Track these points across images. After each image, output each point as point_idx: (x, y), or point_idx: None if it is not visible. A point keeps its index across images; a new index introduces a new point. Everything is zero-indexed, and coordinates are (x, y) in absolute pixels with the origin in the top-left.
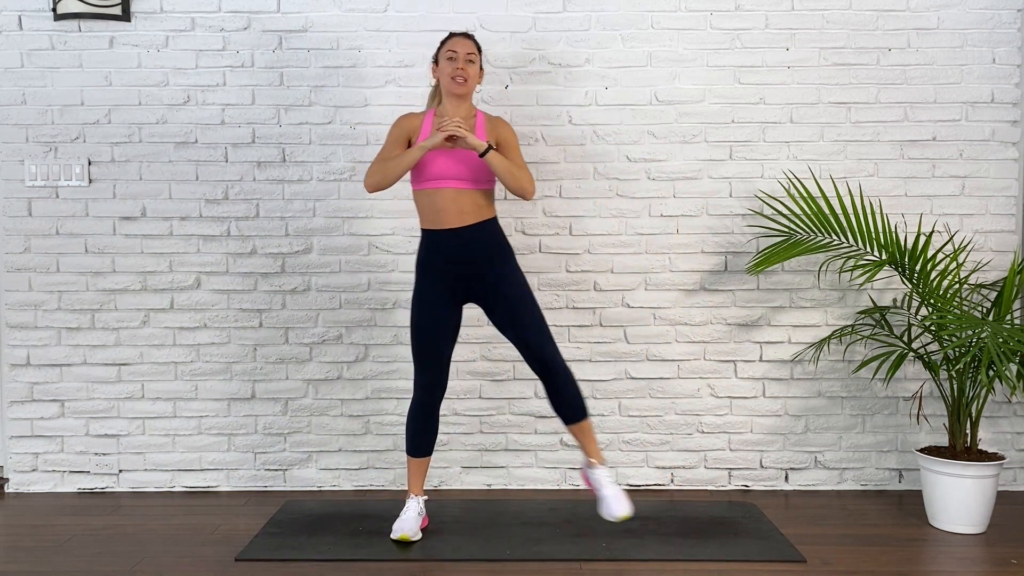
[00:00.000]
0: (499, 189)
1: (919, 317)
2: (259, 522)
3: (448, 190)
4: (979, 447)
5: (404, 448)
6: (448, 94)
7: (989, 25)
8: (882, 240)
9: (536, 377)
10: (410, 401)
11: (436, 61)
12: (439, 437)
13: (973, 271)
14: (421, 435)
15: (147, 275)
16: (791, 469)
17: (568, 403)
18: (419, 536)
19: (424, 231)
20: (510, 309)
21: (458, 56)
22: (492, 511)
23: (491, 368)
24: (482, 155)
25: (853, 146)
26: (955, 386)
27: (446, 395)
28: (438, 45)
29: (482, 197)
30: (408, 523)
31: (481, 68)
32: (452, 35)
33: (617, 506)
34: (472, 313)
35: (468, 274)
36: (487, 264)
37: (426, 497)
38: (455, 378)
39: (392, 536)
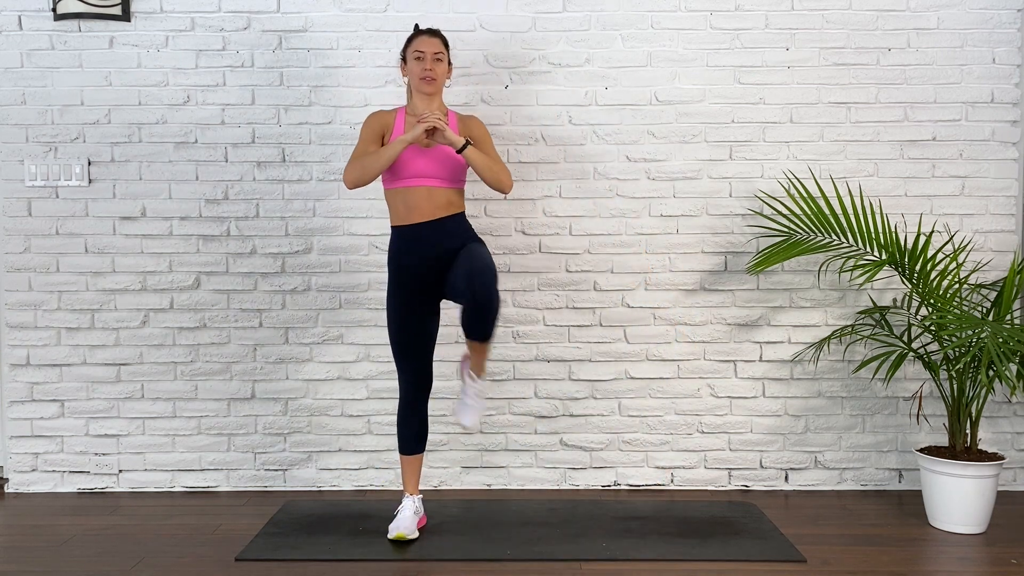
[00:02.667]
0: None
1: (919, 317)
2: (259, 522)
3: (422, 188)
4: (979, 447)
5: None
6: (417, 92)
7: (989, 25)
8: (882, 240)
9: (535, 377)
10: (397, 401)
11: (404, 59)
12: (439, 437)
13: (973, 271)
14: (411, 433)
15: (147, 275)
16: (791, 469)
17: (484, 327)
18: (415, 535)
19: (395, 228)
20: (459, 261)
21: (425, 56)
22: (492, 511)
23: (491, 368)
24: (460, 150)
25: (853, 146)
26: (955, 386)
27: (446, 395)
28: (405, 42)
29: (455, 194)
30: (404, 522)
31: (449, 64)
32: (418, 33)
33: (466, 415)
34: None
35: (440, 265)
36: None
37: (421, 495)
38: (455, 378)
39: (389, 536)
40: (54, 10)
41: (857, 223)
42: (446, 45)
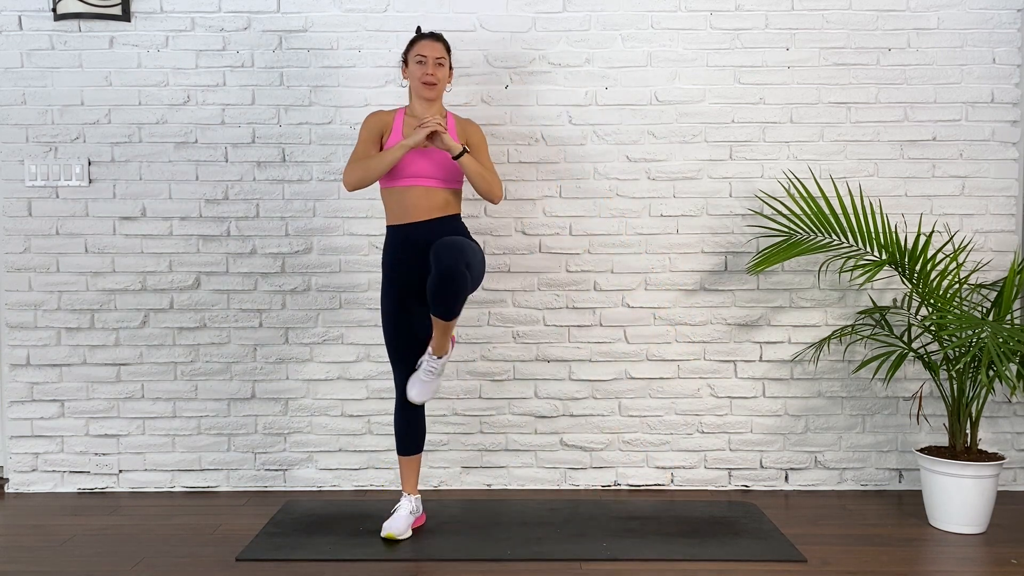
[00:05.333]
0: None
1: (919, 317)
2: (259, 522)
3: (419, 188)
4: (979, 447)
5: None
6: (418, 96)
7: (989, 25)
8: (882, 240)
9: (535, 377)
10: (394, 401)
11: (405, 62)
12: (439, 437)
13: (973, 271)
14: (408, 433)
15: (147, 275)
16: (791, 469)
17: (445, 302)
18: (407, 535)
19: (390, 228)
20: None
21: (427, 60)
22: (492, 511)
23: (491, 368)
24: (456, 157)
25: (853, 146)
26: (955, 386)
27: (446, 395)
28: (407, 45)
29: (451, 195)
30: (397, 522)
31: (451, 68)
32: (420, 37)
33: (412, 388)
34: (472, 313)
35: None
36: None
37: (419, 496)
38: (455, 378)
39: (381, 534)
40: (54, 10)
41: (857, 223)
42: (448, 49)
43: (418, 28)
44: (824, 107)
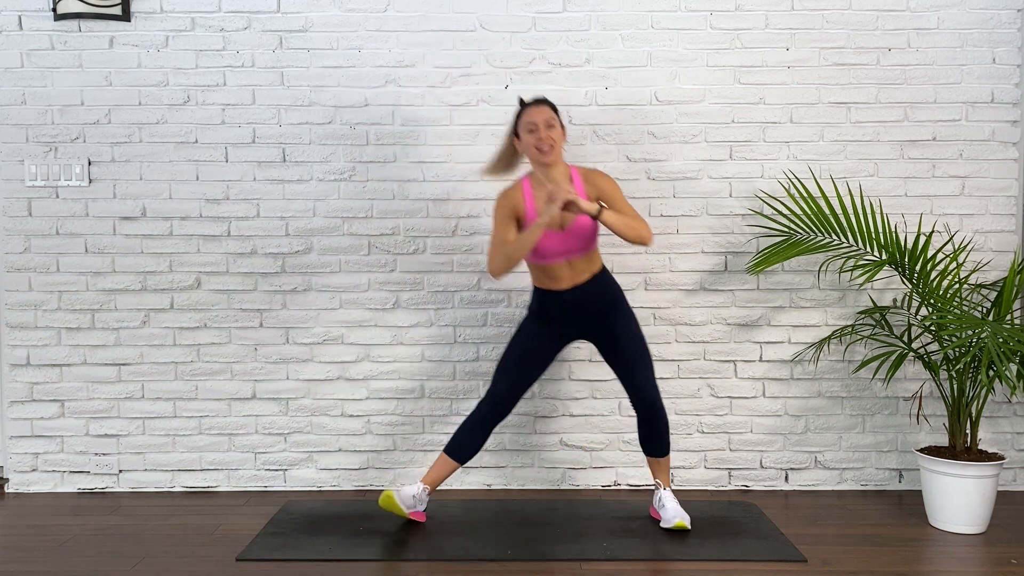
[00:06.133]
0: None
1: (919, 317)
2: (259, 522)
3: (561, 263)
4: (979, 447)
5: (405, 448)
6: (537, 164)
7: (989, 25)
8: (882, 240)
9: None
10: (477, 403)
11: (516, 135)
12: (439, 437)
13: (973, 271)
14: (465, 443)
15: (147, 275)
16: (791, 469)
17: (657, 441)
18: (406, 514)
19: (538, 288)
20: (623, 353)
21: (538, 126)
22: (492, 511)
23: (491, 368)
24: (596, 217)
25: (853, 146)
26: (955, 386)
27: (446, 395)
28: (514, 117)
29: (593, 255)
30: (405, 494)
31: (562, 126)
32: (525, 105)
33: (663, 514)
34: (474, 313)
35: (584, 323)
36: (603, 314)
37: (431, 493)
38: (455, 378)
39: (382, 500)
40: (54, 10)
41: (857, 223)
42: (555, 109)
43: (520, 99)
44: (824, 107)
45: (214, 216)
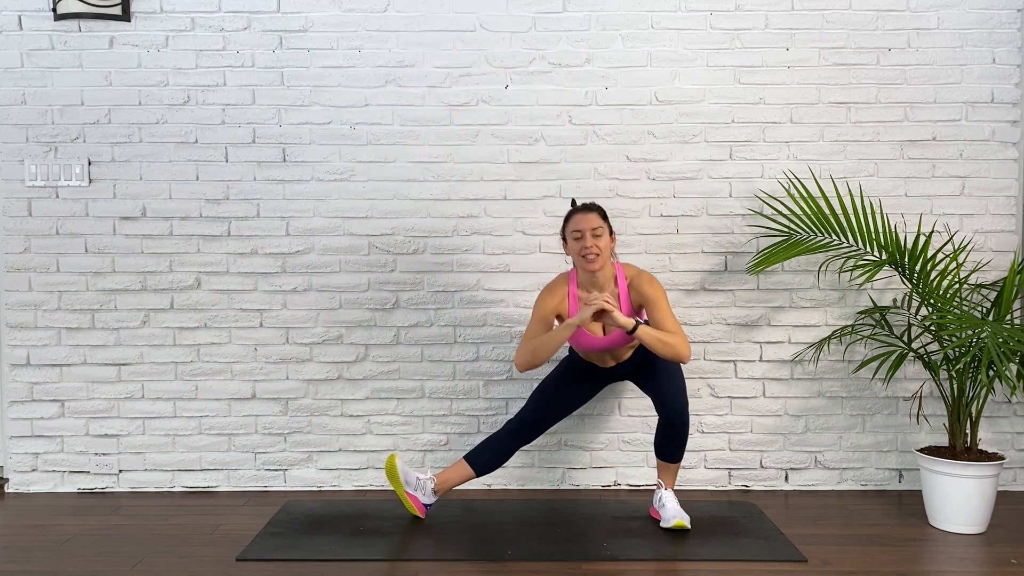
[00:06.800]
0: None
1: (919, 317)
2: (259, 522)
3: (603, 353)
4: (979, 447)
5: (405, 448)
6: (583, 270)
7: (989, 25)
8: (882, 240)
9: (535, 377)
10: (508, 419)
11: (564, 239)
12: (439, 437)
13: (973, 271)
14: (488, 456)
15: (147, 275)
16: (791, 469)
17: (675, 450)
18: (401, 487)
19: (578, 354)
20: (653, 374)
21: (584, 234)
22: (492, 511)
23: (491, 368)
24: (631, 332)
25: (853, 146)
26: (955, 386)
27: (445, 395)
28: (563, 221)
29: (631, 340)
30: (409, 471)
31: (612, 232)
32: (574, 211)
33: (663, 513)
34: (474, 313)
35: (621, 372)
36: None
37: (437, 494)
38: (455, 378)
39: (386, 463)
40: (54, 10)
41: (857, 223)
42: (604, 216)
43: (572, 201)
44: (824, 107)
45: (214, 216)
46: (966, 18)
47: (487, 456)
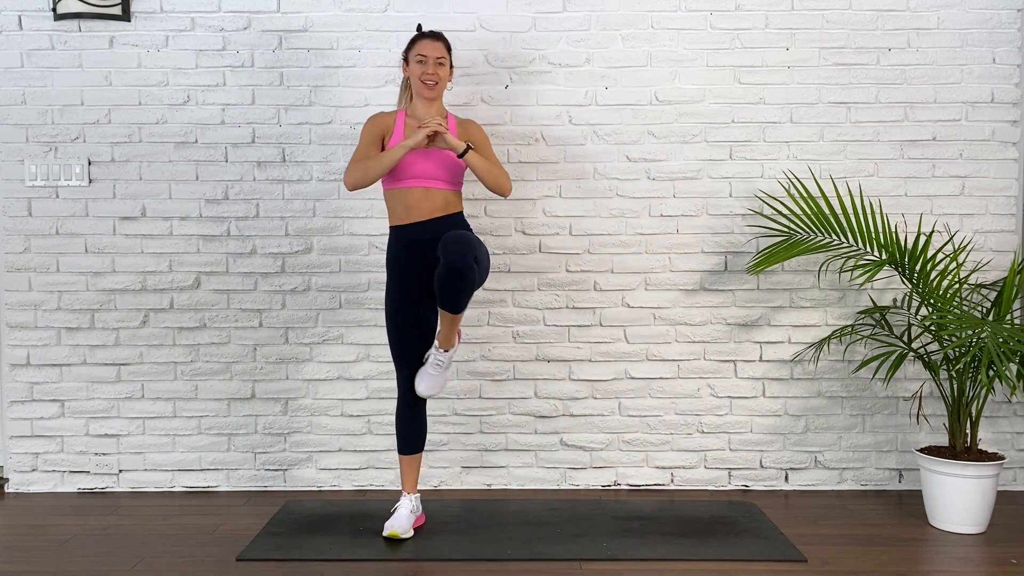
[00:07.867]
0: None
1: (919, 317)
2: (259, 522)
3: (419, 189)
4: (979, 447)
5: None
6: (418, 95)
7: (989, 25)
8: (882, 240)
9: (535, 377)
10: (396, 401)
11: (406, 60)
12: (439, 437)
13: (973, 271)
14: (410, 432)
15: (147, 275)
16: (791, 469)
17: (453, 296)
18: (410, 534)
19: (393, 228)
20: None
21: (428, 60)
22: (492, 511)
23: (491, 368)
24: (461, 155)
25: (853, 146)
26: (955, 386)
27: (446, 395)
28: (408, 43)
29: (452, 195)
30: (399, 520)
31: (451, 67)
32: (421, 36)
33: (420, 382)
34: (473, 313)
35: (436, 264)
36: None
37: (419, 495)
38: (455, 378)
39: (383, 533)
40: (54, 10)
41: (857, 223)
42: (448, 49)
43: (419, 26)
44: (824, 107)
45: (214, 216)
46: (966, 18)
47: (412, 436)
